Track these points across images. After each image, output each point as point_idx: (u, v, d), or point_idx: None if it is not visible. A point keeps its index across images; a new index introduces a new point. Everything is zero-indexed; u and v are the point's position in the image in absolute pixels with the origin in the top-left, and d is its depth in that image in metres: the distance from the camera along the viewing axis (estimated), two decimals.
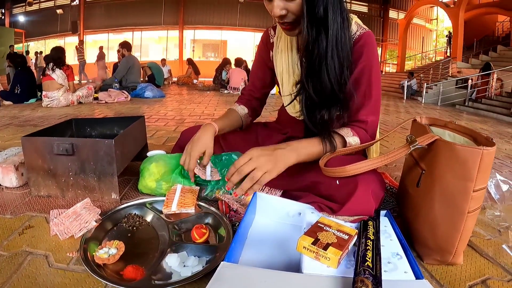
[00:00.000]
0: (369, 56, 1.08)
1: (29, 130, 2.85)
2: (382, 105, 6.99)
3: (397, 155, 0.91)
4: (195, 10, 19.79)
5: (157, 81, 7.97)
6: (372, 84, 1.07)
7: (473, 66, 12.74)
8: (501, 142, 3.71)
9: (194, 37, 20.93)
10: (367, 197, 0.91)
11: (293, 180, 1.13)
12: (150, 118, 3.35)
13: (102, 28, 20.41)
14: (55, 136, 1.39)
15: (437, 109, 8.03)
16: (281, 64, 1.25)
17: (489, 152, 0.81)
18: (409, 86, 11.18)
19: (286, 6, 0.96)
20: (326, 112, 1.05)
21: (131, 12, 19.82)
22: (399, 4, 22.53)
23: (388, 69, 21.51)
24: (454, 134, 1.08)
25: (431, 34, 24.00)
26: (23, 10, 20.54)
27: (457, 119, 5.92)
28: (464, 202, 0.84)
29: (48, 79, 4.74)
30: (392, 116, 5.02)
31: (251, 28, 20.10)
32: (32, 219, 1.10)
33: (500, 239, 1.14)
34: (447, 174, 0.85)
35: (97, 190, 1.22)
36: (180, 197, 1.11)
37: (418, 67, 17.77)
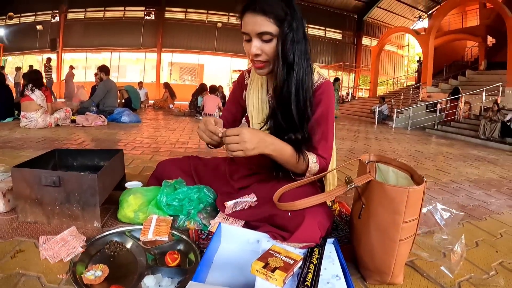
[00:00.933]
0: (327, 103, 1.27)
1: (8, 152, 2.90)
2: (353, 131, 7.26)
3: (337, 193, 1.09)
4: (173, 33, 19.93)
5: (133, 105, 8.03)
6: (328, 128, 1.27)
7: (443, 90, 13.15)
8: (463, 165, 3.92)
9: (171, 60, 20.96)
10: (313, 227, 1.06)
11: (254, 212, 1.27)
12: (127, 145, 3.38)
13: (80, 47, 20.18)
14: (40, 166, 1.49)
15: (407, 133, 8.25)
16: (252, 103, 1.43)
17: (415, 190, 0.99)
18: (380, 111, 11.36)
19: (262, 47, 1.17)
20: (293, 134, 1.22)
21: (110, 33, 19.72)
22: (372, 31, 23.25)
23: (361, 94, 21.94)
24: (397, 170, 1.26)
25: (402, 60, 24.75)
26: (3, 23, 20.06)
27: (425, 144, 6.18)
28: (395, 232, 1.01)
29: (27, 100, 4.74)
30: (360, 143, 5.20)
31: (228, 53, 20.37)
32: (22, 243, 1.18)
33: (442, 261, 1.27)
34: (379, 209, 1.03)
35: (80, 219, 1.32)
36: (156, 226, 1.22)
37: (390, 92, 18.22)
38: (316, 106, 1.26)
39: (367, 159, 1.31)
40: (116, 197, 1.49)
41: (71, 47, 20.08)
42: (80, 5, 19.85)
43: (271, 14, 1.12)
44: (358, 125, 9.69)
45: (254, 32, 1.14)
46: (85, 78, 19.19)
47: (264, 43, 1.16)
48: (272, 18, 1.12)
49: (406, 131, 9.03)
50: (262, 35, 1.14)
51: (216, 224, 1.26)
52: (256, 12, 1.12)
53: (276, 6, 1.12)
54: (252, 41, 1.16)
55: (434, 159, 4.27)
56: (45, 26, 19.57)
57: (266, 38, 1.15)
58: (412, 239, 1.06)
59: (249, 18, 1.14)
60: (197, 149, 3.40)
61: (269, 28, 1.13)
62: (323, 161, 1.25)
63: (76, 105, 6.29)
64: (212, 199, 1.42)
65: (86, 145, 3.44)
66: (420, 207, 1.03)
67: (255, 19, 1.13)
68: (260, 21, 1.12)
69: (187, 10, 20.08)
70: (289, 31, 1.14)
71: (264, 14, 1.12)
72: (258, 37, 1.15)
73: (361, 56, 22.75)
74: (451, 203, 2.20)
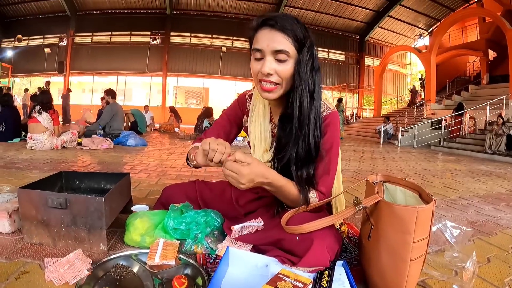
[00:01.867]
0: (332, 136, 1.22)
1: (14, 172, 2.93)
2: (359, 151, 7.24)
3: (346, 215, 1.07)
4: (178, 57, 20.32)
5: (139, 128, 8.10)
6: (331, 161, 1.22)
7: (447, 107, 13.19)
8: (471, 181, 3.90)
9: (177, 84, 21.29)
10: (322, 251, 1.03)
11: (261, 236, 1.25)
12: (133, 169, 3.38)
13: (87, 70, 20.58)
14: (47, 187, 1.50)
15: (413, 152, 8.22)
16: (254, 132, 1.37)
17: (424, 209, 0.98)
18: (385, 130, 11.39)
19: (275, 67, 1.10)
20: (305, 170, 1.18)
21: (117, 57, 20.14)
22: (374, 51, 23.51)
23: (365, 115, 21.99)
24: (405, 189, 1.25)
25: (405, 78, 24.85)
26: (11, 45, 20.51)
27: (431, 161, 6.15)
28: (406, 252, 0.99)
29: (34, 122, 4.81)
30: (366, 163, 5.17)
31: (233, 77, 20.69)
32: (27, 265, 1.17)
33: (454, 279, 1.25)
34: (389, 229, 1.02)
35: (86, 241, 1.31)
36: (162, 250, 1.21)
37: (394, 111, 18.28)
38: (322, 137, 1.22)
39: (374, 179, 1.31)
40: (123, 221, 1.48)
41: (78, 70, 20.50)
42: (87, 29, 20.34)
43: (291, 33, 1.07)
44: (364, 145, 9.68)
45: (270, 49, 1.08)
46: (92, 101, 19.49)
47: (278, 63, 1.09)
48: (291, 37, 1.07)
49: (411, 150, 9.01)
50: (278, 53, 1.08)
51: (224, 248, 1.24)
52: (274, 29, 1.07)
53: (295, 27, 1.08)
54: (265, 59, 1.09)
55: (441, 176, 4.24)
56: (53, 49, 20.09)
57: (281, 57, 1.08)
58: (423, 258, 1.05)
59: (266, 34, 1.09)
60: (203, 173, 3.39)
61: (287, 47, 1.07)
62: (322, 197, 1.21)
63: (83, 128, 6.36)
64: (219, 223, 1.41)
65: (93, 167, 3.45)
66: (430, 226, 1.02)
67: (272, 36, 1.08)
68: (278, 38, 1.07)
69: (191, 34, 20.51)
70: (310, 57, 1.11)
71: (283, 32, 1.07)
72: (273, 56, 1.09)
73: (364, 76, 22.92)
74: (461, 220, 2.18)
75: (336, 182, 1.35)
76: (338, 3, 20.21)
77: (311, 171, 1.18)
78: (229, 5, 20.39)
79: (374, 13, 21.24)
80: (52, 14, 20.40)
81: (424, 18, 21.38)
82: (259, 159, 1.32)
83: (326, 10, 20.92)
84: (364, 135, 14.26)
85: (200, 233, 1.34)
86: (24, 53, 20.49)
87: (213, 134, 1.44)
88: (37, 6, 20.23)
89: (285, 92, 1.17)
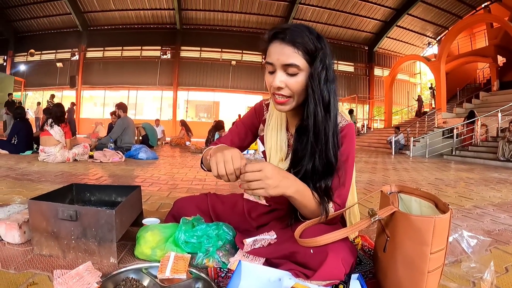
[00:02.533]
0: (348, 147, 1.21)
1: (26, 184, 2.95)
2: (371, 162, 7.18)
3: (361, 227, 1.04)
4: (188, 72, 20.66)
5: (150, 142, 8.16)
6: (347, 173, 1.20)
7: (458, 115, 13.07)
8: (486, 189, 3.84)
9: (187, 98, 21.55)
10: (337, 264, 1.00)
11: (274, 249, 1.21)
12: (144, 182, 3.37)
13: (99, 85, 20.99)
14: (57, 199, 1.49)
15: (425, 162, 8.12)
16: (270, 141, 1.35)
17: (441, 219, 0.95)
18: (397, 141, 11.35)
19: (286, 81, 1.09)
20: (324, 182, 1.15)
21: (128, 71, 20.56)
22: (383, 61, 23.58)
23: (376, 125, 21.93)
24: (420, 199, 1.21)
25: (415, 88, 24.77)
26: (24, 59, 21.09)
27: (444, 171, 6.07)
28: (423, 264, 0.96)
29: (46, 135, 4.88)
30: (379, 174, 5.11)
31: (243, 90, 20.88)
32: (35, 276, 1.16)
33: None
34: (405, 241, 0.99)
35: (96, 254, 1.30)
36: (173, 263, 1.18)
37: (405, 121, 18.27)
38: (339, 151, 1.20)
39: (388, 190, 1.28)
40: (133, 234, 1.47)
41: (90, 84, 20.95)
42: (99, 44, 20.86)
43: (301, 46, 1.06)
44: (376, 156, 9.60)
45: (280, 63, 1.07)
46: (103, 115, 19.75)
47: (289, 77, 1.08)
48: (301, 50, 1.06)
49: (424, 160, 8.93)
50: (288, 67, 1.07)
51: (236, 262, 1.21)
52: (284, 42, 1.06)
53: (306, 39, 1.06)
54: (276, 73, 1.09)
55: (454, 185, 4.17)
56: (65, 64, 20.65)
57: (291, 71, 1.08)
58: (441, 270, 1.02)
59: (276, 48, 1.08)
60: (214, 186, 3.36)
61: (297, 60, 1.06)
62: (338, 208, 1.18)
63: (94, 141, 6.42)
64: (231, 236, 1.38)
65: (104, 180, 3.46)
66: (447, 236, 0.99)
67: (282, 49, 1.07)
68: (287, 52, 1.06)
69: (201, 48, 20.85)
70: (322, 68, 1.08)
71: (293, 45, 1.05)
72: (283, 69, 1.08)
73: (374, 87, 22.95)
74: (477, 229, 2.12)
75: (351, 194, 1.32)
76: (346, 15, 20.39)
77: (329, 183, 1.16)
78: (238, 19, 20.73)
79: (382, 23, 21.37)
80: (64, 29, 21.03)
81: (432, 26, 21.43)
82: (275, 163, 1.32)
83: (334, 22, 21.10)
84: (375, 146, 14.17)
85: (211, 246, 1.32)
86: (36, 67, 21.08)
87: (227, 139, 1.45)
88: (49, 22, 20.86)
89: (299, 104, 1.16)
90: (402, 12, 19.76)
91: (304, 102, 1.14)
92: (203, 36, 20.81)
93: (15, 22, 21.00)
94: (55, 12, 20.15)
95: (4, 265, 1.24)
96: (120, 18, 20.72)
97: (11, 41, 21.23)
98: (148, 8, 20.13)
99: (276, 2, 19.69)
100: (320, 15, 20.58)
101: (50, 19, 20.68)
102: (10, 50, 21.16)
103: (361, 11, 20.19)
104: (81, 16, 20.24)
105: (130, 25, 21.08)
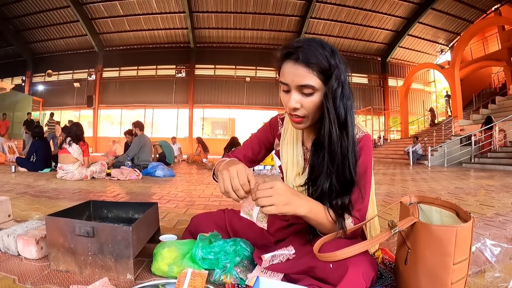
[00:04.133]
0: (366, 159, 1.17)
1: (44, 201, 2.99)
2: (389, 174, 7.09)
3: (381, 239, 1.01)
4: (204, 89, 20.96)
5: (167, 159, 8.21)
6: (366, 186, 1.16)
7: (475, 121, 12.90)
8: (507, 196, 3.76)
9: (203, 115, 21.78)
10: (357, 278, 0.96)
11: (293, 265, 1.18)
12: (161, 199, 3.38)
13: (116, 104, 21.42)
14: (75, 216, 1.51)
15: (444, 171, 8.00)
16: (286, 155, 1.34)
17: (463, 228, 0.92)
18: (414, 151, 11.22)
19: (301, 101, 1.07)
20: (341, 199, 1.12)
21: (144, 90, 20.98)
22: (397, 72, 23.47)
23: (392, 136, 21.68)
24: (441, 209, 1.18)
25: (430, 96, 24.51)
26: (42, 79, 21.83)
27: (464, 179, 5.96)
28: (446, 276, 0.93)
29: (64, 152, 4.98)
30: (397, 186, 5.02)
31: (258, 106, 21.02)
32: None
33: None
34: (427, 252, 0.96)
35: (113, 270, 1.29)
36: (190, 280, 1.16)
37: (422, 130, 18.03)
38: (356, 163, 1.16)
39: (408, 201, 1.25)
40: (150, 250, 1.47)
41: (107, 103, 21.41)
42: (115, 64, 21.41)
43: (315, 66, 1.03)
44: (393, 168, 9.46)
45: (295, 83, 1.06)
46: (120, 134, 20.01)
47: (304, 97, 1.07)
48: (316, 70, 1.03)
49: (442, 169, 8.78)
50: (303, 88, 1.05)
51: (254, 278, 1.19)
52: (298, 63, 1.04)
53: (320, 57, 1.03)
54: (291, 94, 1.07)
55: (475, 193, 4.07)
56: (82, 84, 21.22)
57: (307, 91, 1.06)
58: (464, 281, 0.98)
59: (290, 68, 1.06)
60: (231, 202, 3.34)
61: (312, 81, 1.04)
62: (357, 222, 1.15)
63: (112, 159, 6.50)
64: (249, 252, 1.36)
65: (121, 197, 3.49)
66: (470, 246, 0.96)
67: (296, 70, 1.04)
68: (302, 73, 1.04)
69: (215, 66, 21.16)
70: (338, 86, 1.06)
71: (307, 66, 1.03)
72: (298, 90, 1.07)
73: (388, 97, 22.80)
74: (500, 237, 2.06)
75: (370, 207, 1.29)
76: (357, 27, 20.47)
77: (346, 200, 1.13)
78: (250, 36, 21.01)
79: (393, 33, 21.36)
80: (81, 50, 21.72)
81: (444, 33, 21.29)
82: (291, 182, 1.30)
83: (346, 35, 21.17)
84: (392, 157, 14.00)
85: (229, 262, 1.30)
86: (54, 87, 21.83)
87: (241, 153, 1.45)
88: (66, 43, 21.55)
89: (314, 122, 1.15)
90: (413, 21, 19.72)
91: (320, 118, 1.13)
92: (216, 54, 21.13)
93: (32, 44, 21.79)
94: (71, 33, 20.83)
95: (21, 279, 1.25)
96: (134, 38, 21.23)
97: (29, 62, 22.04)
98: (162, 28, 20.59)
99: (288, 18, 19.92)
100: (332, 28, 20.69)
101: (66, 40, 21.37)
102: (28, 71, 21.97)
103: (372, 22, 20.23)
104: (96, 37, 20.83)
105: (145, 45, 21.58)
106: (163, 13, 19.53)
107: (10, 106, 15.10)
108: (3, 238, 1.53)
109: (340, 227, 1.10)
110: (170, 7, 19.20)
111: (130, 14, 19.61)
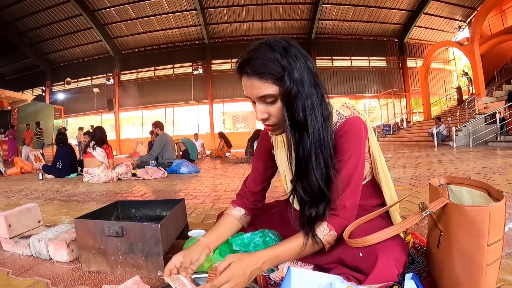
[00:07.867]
0: (350, 144, 1.10)
1: (72, 205, 3.06)
2: (414, 157, 6.95)
3: (412, 222, 0.98)
4: (222, 84, 20.96)
5: (191, 156, 8.30)
6: (351, 172, 1.10)
7: (498, 98, 12.49)
8: None
9: (223, 110, 21.81)
10: (389, 265, 0.95)
11: (322, 256, 1.16)
12: (188, 195, 3.40)
13: (135, 105, 21.69)
14: (103, 217, 1.54)
15: (470, 151, 7.84)
16: (280, 161, 1.35)
17: (496, 207, 0.88)
18: (438, 132, 10.99)
19: (267, 110, 1.06)
20: (315, 209, 1.08)
21: (162, 90, 21.12)
22: (415, 52, 22.91)
23: (415, 119, 21.23)
24: (471, 189, 1.14)
25: (451, 75, 23.76)
26: (62, 88, 22.39)
27: (491, 158, 5.83)
28: (481, 257, 0.89)
29: (89, 157, 5.09)
30: (423, 168, 4.92)
31: None
32: None
33: None
34: (460, 234, 0.92)
35: (144, 268, 1.32)
36: None
37: (445, 111, 17.62)
38: (339, 151, 1.10)
39: (437, 182, 1.21)
40: (180, 246, 1.47)
41: (127, 106, 21.71)
42: (131, 67, 21.67)
43: (267, 75, 1.00)
44: (418, 150, 9.27)
45: (255, 96, 1.05)
46: (143, 134, 20.36)
47: (269, 105, 1.05)
48: (270, 78, 1.00)
49: (468, 149, 8.59)
50: (264, 98, 1.04)
51: (285, 268, 1.18)
52: (250, 76, 1.02)
53: (270, 64, 1.00)
54: (256, 106, 1.07)
55: (503, 173, 3.94)
56: (101, 88, 21.56)
57: (269, 100, 1.04)
58: (499, 263, 0.94)
59: (246, 82, 1.05)
60: None
61: (269, 90, 1.02)
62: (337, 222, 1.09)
63: (136, 160, 6.61)
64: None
65: (148, 196, 3.53)
66: (504, 226, 0.92)
67: (251, 84, 1.03)
68: (257, 85, 1.02)
69: (231, 60, 21.08)
70: (292, 86, 1.01)
71: (259, 77, 1.01)
72: (261, 101, 1.06)
73: (409, 79, 22.26)
74: None
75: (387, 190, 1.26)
76: (371, 9, 20.07)
77: (321, 209, 1.08)
78: (263, 27, 20.87)
79: (409, 13, 20.84)
80: (97, 56, 22.07)
81: (460, 9, 20.55)
82: (289, 186, 1.24)
83: (360, 18, 20.80)
84: (416, 140, 13.74)
85: None
86: (74, 95, 22.26)
87: (251, 181, 1.45)
88: (82, 50, 21.95)
89: None
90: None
91: None
92: (232, 48, 21.03)
93: (49, 54, 22.32)
94: (86, 41, 21.19)
95: (53, 282, 1.29)
96: (149, 39, 21.41)
97: (48, 72, 22.63)
98: (175, 27, 20.68)
99: (300, 5, 19.66)
100: (346, 13, 20.32)
101: (82, 48, 21.76)
102: (47, 81, 22.53)
103: (386, 3, 19.79)
104: (111, 42, 21.12)
105: (160, 45, 21.74)
106: (174, 12, 19.59)
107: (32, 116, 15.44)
108: (34, 243, 1.58)
109: (308, 245, 1.09)
110: (181, 6, 19.24)
111: (142, 16, 19.75)
